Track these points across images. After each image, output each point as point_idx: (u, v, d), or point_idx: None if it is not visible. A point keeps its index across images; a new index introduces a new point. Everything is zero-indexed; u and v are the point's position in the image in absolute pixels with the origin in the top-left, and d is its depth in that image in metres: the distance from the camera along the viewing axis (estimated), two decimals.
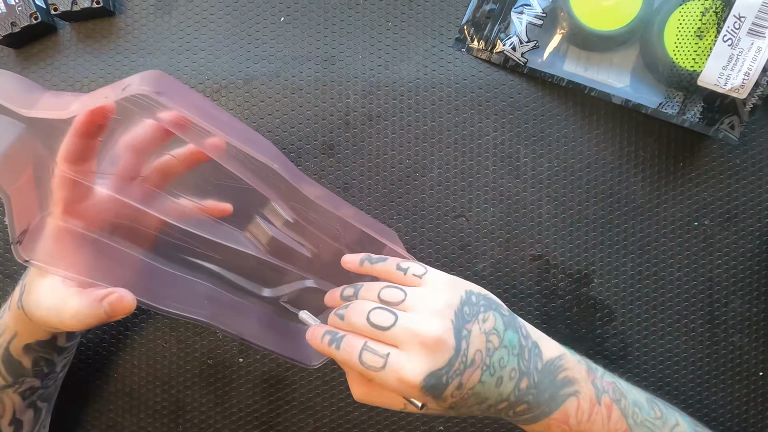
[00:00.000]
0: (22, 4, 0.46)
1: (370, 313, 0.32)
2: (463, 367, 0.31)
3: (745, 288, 0.47)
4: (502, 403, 0.33)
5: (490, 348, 0.32)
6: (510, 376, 0.33)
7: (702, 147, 0.47)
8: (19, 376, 0.39)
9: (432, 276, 0.34)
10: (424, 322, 0.31)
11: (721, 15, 0.42)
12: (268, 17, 0.48)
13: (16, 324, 0.37)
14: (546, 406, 0.34)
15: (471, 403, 0.32)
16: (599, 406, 0.35)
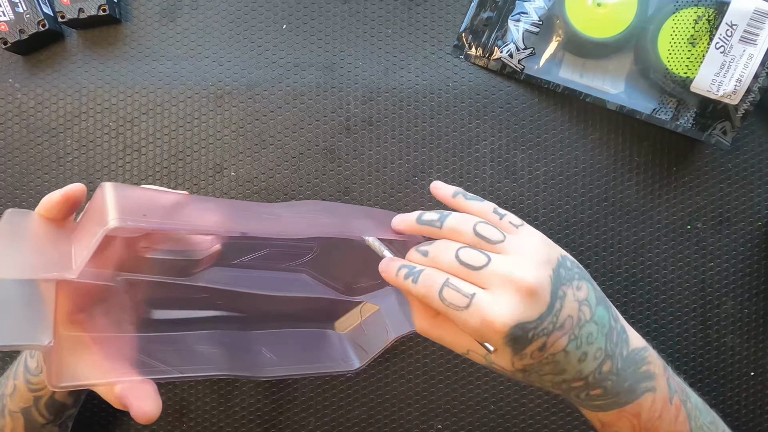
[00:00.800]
0: (30, 12, 0.46)
1: (460, 251, 0.29)
2: (552, 327, 0.28)
3: (736, 290, 0.47)
4: (578, 381, 0.30)
5: (582, 318, 0.29)
6: (595, 355, 0.29)
7: (695, 152, 0.47)
8: (60, 413, 0.41)
9: (529, 229, 0.31)
10: (524, 267, 0.28)
11: (714, 23, 0.42)
12: (271, 25, 0.48)
13: None
14: (624, 397, 0.31)
15: (546, 371, 0.29)
16: (670, 406, 0.32)
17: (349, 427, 0.47)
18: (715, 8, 0.42)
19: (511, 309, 0.27)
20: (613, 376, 0.30)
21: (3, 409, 0.39)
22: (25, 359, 0.39)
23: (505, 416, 0.47)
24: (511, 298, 0.27)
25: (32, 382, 0.38)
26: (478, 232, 0.30)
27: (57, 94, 0.48)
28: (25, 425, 0.39)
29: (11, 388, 0.39)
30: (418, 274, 0.30)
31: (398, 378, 0.47)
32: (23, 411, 0.39)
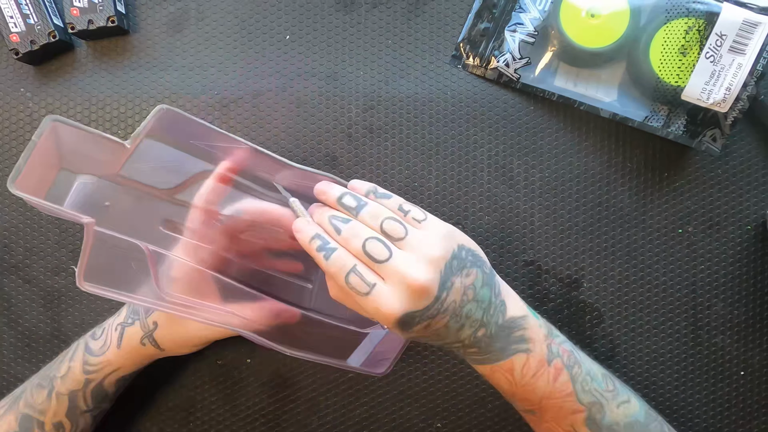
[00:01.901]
0: (40, 24, 0.46)
1: (368, 241, 0.32)
2: (436, 312, 0.32)
3: (726, 292, 0.46)
4: (456, 343, 0.35)
5: (465, 300, 0.33)
6: (471, 324, 0.34)
7: (685, 158, 0.47)
8: (101, 402, 0.42)
9: (431, 223, 0.34)
10: (416, 267, 0.32)
11: (704, 33, 0.42)
12: (275, 35, 0.48)
13: (125, 360, 0.40)
14: (495, 355, 0.35)
15: (430, 338, 0.34)
16: (548, 367, 0.35)
17: (351, 426, 0.47)
18: (705, 19, 0.42)
19: (401, 302, 0.31)
20: (487, 338, 0.34)
21: (51, 391, 0.40)
22: (86, 342, 0.41)
23: (502, 415, 0.47)
24: (402, 294, 0.31)
25: (90, 362, 0.40)
26: (384, 229, 0.33)
27: (67, 102, 0.48)
28: (67, 410, 0.40)
29: (65, 370, 0.40)
30: (330, 252, 0.33)
31: (398, 378, 0.47)
32: (70, 394, 0.40)
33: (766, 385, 0.46)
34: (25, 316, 0.48)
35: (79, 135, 0.33)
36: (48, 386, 0.40)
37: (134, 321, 0.40)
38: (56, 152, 0.32)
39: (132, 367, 0.41)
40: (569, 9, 0.44)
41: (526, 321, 0.36)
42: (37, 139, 0.31)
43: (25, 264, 0.48)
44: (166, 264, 0.36)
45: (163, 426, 0.47)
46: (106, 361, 0.40)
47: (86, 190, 0.33)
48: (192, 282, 0.37)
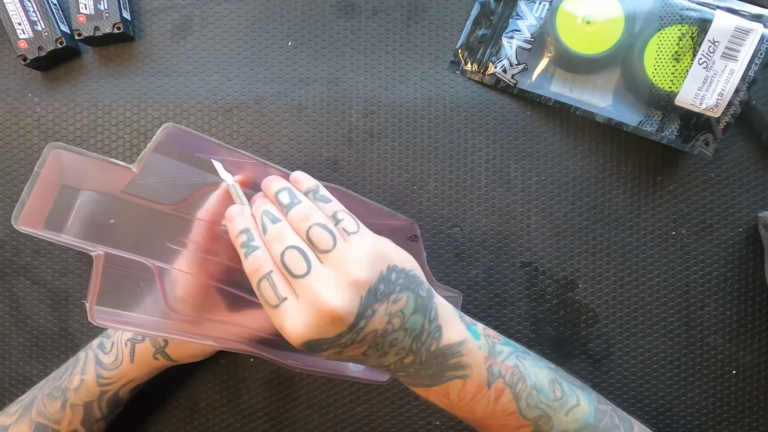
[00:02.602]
0: (48, 30, 0.46)
1: (288, 250, 0.29)
2: (350, 342, 0.29)
3: (719, 292, 0.46)
4: (381, 367, 0.32)
5: (389, 329, 0.30)
6: (397, 352, 0.31)
7: (679, 162, 0.47)
8: (114, 410, 0.42)
9: (363, 238, 0.30)
10: (332, 291, 0.28)
11: (697, 40, 0.42)
12: (277, 42, 0.48)
13: (138, 372, 0.40)
14: (428, 380, 0.32)
15: (346, 361, 0.31)
16: (488, 390, 0.33)
17: (352, 424, 0.47)
18: (699, 26, 0.42)
19: (308, 327, 0.28)
20: (416, 365, 0.32)
21: (65, 402, 0.40)
22: (95, 356, 0.40)
23: None
24: (311, 318, 0.28)
25: (104, 376, 0.40)
26: (310, 236, 0.30)
27: (74, 107, 0.48)
28: (83, 418, 0.40)
29: (77, 383, 0.40)
30: (251, 250, 0.30)
31: None
32: (85, 405, 0.40)
33: (757, 384, 0.46)
34: (33, 317, 0.48)
35: (83, 161, 0.32)
36: (61, 398, 0.40)
37: (144, 338, 0.40)
38: (59, 179, 0.31)
39: (146, 376, 0.42)
40: (565, 16, 0.44)
41: (464, 346, 0.33)
42: (40, 169, 0.30)
43: (33, 266, 0.48)
44: (171, 282, 0.35)
45: (167, 423, 0.47)
46: (120, 374, 0.40)
47: (90, 207, 0.32)
48: (198, 297, 0.35)
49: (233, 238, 0.31)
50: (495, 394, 0.33)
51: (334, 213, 0.31)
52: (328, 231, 0.30)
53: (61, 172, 0.31)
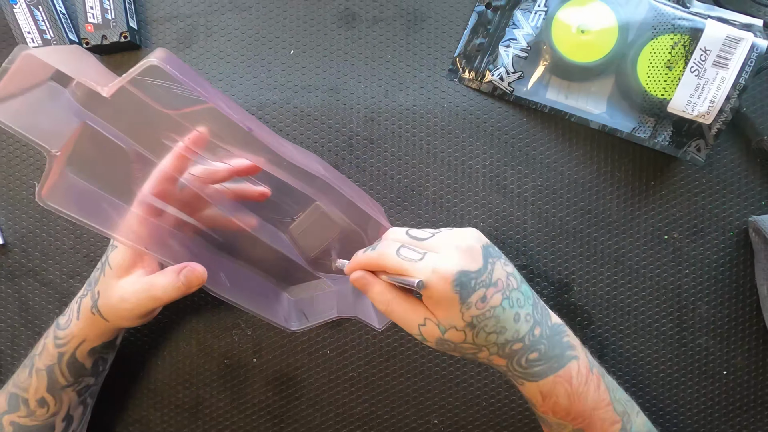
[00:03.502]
0: (57, 39, 0.46)
1: (409, 230, 0.33)
2: (488, 281, 0.31)
3: (710, 295, 0.46)
4: (517, 343, 0.32)
5: (511, 284, 0.32)
6: (526, 318, 0.32)
7: (671, 167, 0.46)
8: (79, 376, 0.40)
9: (453, 229, 0.34)
10: (459, 237, 0.32)
11: (689, 48, 0.42)
12: (279, 50, 0.48)
13: (86, 331, 0.38)
14: (556, 361, 0.32)
15: (490, 328, 0.31)
16: (592, 375, 0.34)
17: (352, 422, 0.47)
18: (690, 35, 0.42)
19: (455, 261, 0.30)
20: (545, 340, 0.32)
21: (31, 369, 0.39)
22: (56, 319, 0.40)
23: (496, 411, 0.46)
24: (453, 254, 0.31)
25: (59, 336, 0.39)
26: (409, 233, 0.34)
27: None
28: (47, 385, 0.39)
29: (41, 348, 0.39)
30: (375, 245, 0.33)
31: (397, 377, 0.47)
32: (47, 369, 0.39)
33: (747, 384, 0.46)
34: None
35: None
36: (29, 364, 0.39)
37: (87, 292, 0.38)
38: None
39: (96, 338, 0.39)
40: (560, 25, 0.44)
41: (567, 328, 0.34)
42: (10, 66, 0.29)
43: (41, 268, 0.47)
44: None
45: (172, 422, 0.47)
46: (71, 333, 0.38)
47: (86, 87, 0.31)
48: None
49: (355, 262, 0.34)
50: (596, 380, 0.34)
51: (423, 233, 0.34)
52: (423, 230, 0.34)
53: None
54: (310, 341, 0.47)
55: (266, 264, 0.42)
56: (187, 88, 0.30)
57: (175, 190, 0.37)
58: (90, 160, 0.33)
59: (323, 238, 0.40)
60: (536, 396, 0.34)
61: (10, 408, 0.39)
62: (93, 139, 0.32)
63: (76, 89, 0.32)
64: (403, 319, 0.33)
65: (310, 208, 0.40)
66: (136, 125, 0.34)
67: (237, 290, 0.38)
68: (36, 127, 0.30)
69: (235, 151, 0.35)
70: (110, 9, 0.46)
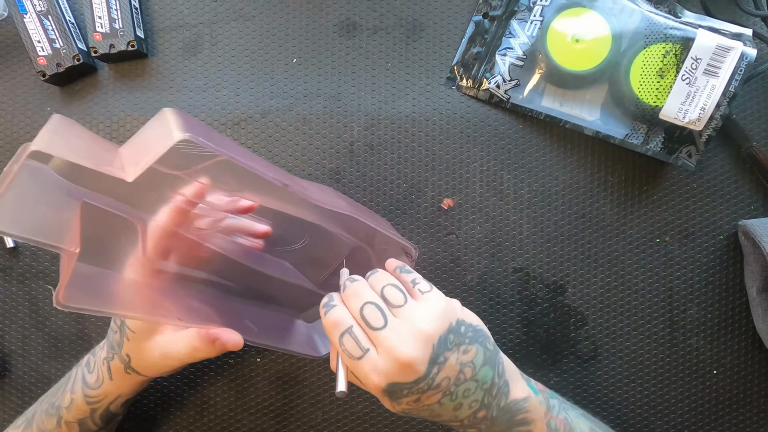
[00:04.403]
0: (66, 48, 0.45)
1: (366, 305, 0.31)
2: (426, 387, 0.30)
3: (701, 296, 0.46)
4: (455, 422, 0.32)
5: (461, 378, 0.30)
6: (470, 405, 0.31)
7: (663, 173, 0.46)
8: (109, 422, 0.41)
9: (433, 297, 0.32)
10: (406, 342, 0.29)
11: (680, 57, 0.42)
12: (282, 59, 0.48)
13: (121, 388, 0.38)
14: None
15: (424, 415, 0.32)
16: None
17: (353, 420, 0.47)
18: (682, 44, 0.41)
19: (388, 373, 0.29)
20: (487, 421, 0.32)
21: (59, 420, 0.39)
22: (83, 375, 0.39)
23: None
24: (390, 365, 0.29)
25: (90, 395, 0.38)
26: (384, 294, 0.31)
27: (90, 121, 0.47)
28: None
29: (68, 402, 0.39)
30: (330, 308, 0.31)
31: None
32: (79, 422, 0.39)
33: (737, 383, 0.46)
34: (52, 318, 0.47)
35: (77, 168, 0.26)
36: (56, 415, 0.39)
37: (113, 355, 0.37)
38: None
39: (131, 391, 0.39)
40: (555, 35, 0.44)
41: (528, 402, 0.33)
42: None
43: (51, 270, 0.47)
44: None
45: (179, 421, 0.47)
46: (105, 392, 0.38)
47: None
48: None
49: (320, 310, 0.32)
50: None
51: (413, 279, 0.33)
52: (400, 290, 0.32)
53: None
54: None
55: (279, 298, 0.40)
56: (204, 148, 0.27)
57: (179, 245, 0.34)
58: (95, 241, 0.29)
59: (330, 260, 0.39)
60: None
61: None
62: (94, 217, 0.28)
63: (57, 162, 0.26)
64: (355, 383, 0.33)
65: (312, 233, 0.38)
66: (139, 192, 0.30)
67: (263, 331, 0.38)
68: (40, 226, 0.26)
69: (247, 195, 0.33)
70: (118, 18, 0.45)
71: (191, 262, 0.35)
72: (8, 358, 0.47)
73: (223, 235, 0.36)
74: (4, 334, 0.47)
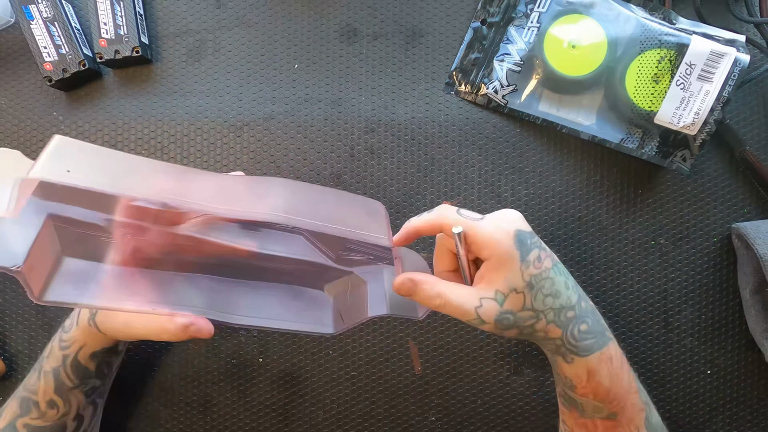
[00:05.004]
0: (72, 54, 0.45)
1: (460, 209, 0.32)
2: (539, 244, 0.31)
3: (695, 298, 0.46)
4: (570, 310, 0.31)
5: (553, 259, 0.32)
6: (573, 287, 0.32)
7: (658, 176, 0.46)
8: (84, 378, 0.40)
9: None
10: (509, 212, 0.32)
11: (675, 63, 0.42)
12: (284, 64, 0.47)
13: (83, 337, 0.38)
14: (600, 337, 0.32)
15: (546, 290, 0.31)
16: (623, 358, 0.33)
17: (353, 419, 0.47)
18: (676, 50, 0.41)
19: (512, 221, 0.31)
20: (591, 314, 0.32)
21: (39, 372, 0.39)
22: (63, 322, 0.39)
23: (490, 409, 0.46)
24: (509, 217, 0.31)
25: (63, 339, 0.38)
26: (459, 211, 0.32)
27: (96, 125, 0.47)
28: (55, 387, 0.38)
29: (48, 350, 0.39)
30: (428, 211, 0.32)
31: (396, 376, 0.46)
32: (54, 371, 0.38)
33: (730, 383, 0.46)
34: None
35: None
36: (38, 367, 0.39)
37: None
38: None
39: (96, 344, 0.38)
40: (552, 41, 0.44)
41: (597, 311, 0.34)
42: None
43: None
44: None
45: (183, 420, 0.47)
46: (73, 338, 0.38)
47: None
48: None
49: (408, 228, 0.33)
50: (627, 366, 0.33)
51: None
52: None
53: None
54: (313, 342, 0.47)
55: (290, 276, 0.38)
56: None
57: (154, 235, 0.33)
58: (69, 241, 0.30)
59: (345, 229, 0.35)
60: (582, 374, 0.32)
61: (23, 411, 0.39)
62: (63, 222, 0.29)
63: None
64: (459, 308, 0.30)
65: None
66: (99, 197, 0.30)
67: (264, 307, 0.36)
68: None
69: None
70: (123, 25, 0.45)
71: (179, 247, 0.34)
72: (14, 358, 0.47)
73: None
74: (11, 335, 0.47)
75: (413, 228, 0.33)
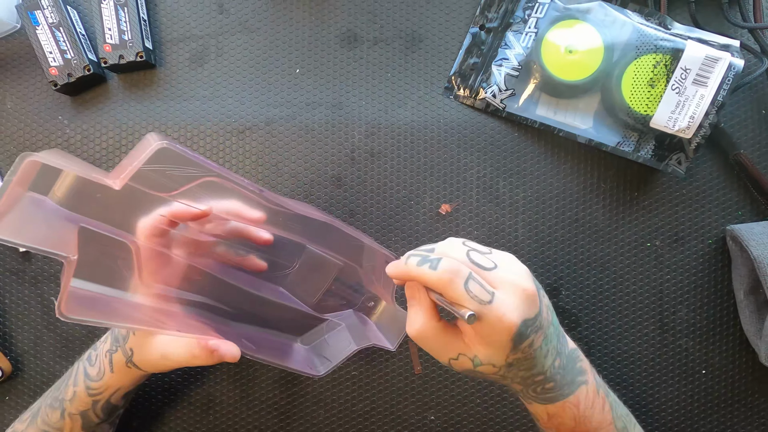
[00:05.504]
0: (77, 58, 0.45)
1: (470, 252, 0.28)
2: (539, 325, 0.28)
3: (690, 299, 0.46)
4: (540, 375, 0.30)
5: (548, 319, 0.29)
6: (551, 352, 0.30)
7: (653, 179, 0.46)
8: (111, 415, 0.41)
9: (498, 250, 0.30)
10: (521, 276, 0.28)
11: (670, 67, 0.42)
12: (286, 69, 0.47)
13: (122, 381, 0.38)
14: (567, 388, 0.31)
15: (524, 367, 0.29)
16: (598, 397, 0.32)
17: (354, 418, 0.47)
18: (672, 55, 0.41)
19: (520, 309, 0.27)
20: (561, 370, 0.31)
21: (63, 412, 0.39)
22: (84, 368, 0.39)
23: (489, 408, 0.46)
24: (519, 300, 0.27)
25: (92, 387, 0.38)
26: (469, 245, 0.29)
27: (100, 129, 0.47)
28: (82, 425, 0.39)
29: (71, 394, 0.39)
30: (436, 261, 0.27)
31: (396, 376, 0.46)
32: (81, 413, 0.39)
33: (725, 383, 0.46)
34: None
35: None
36: (60, 408, 0.39)
37: (117, 348, 0.37)
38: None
39: (131, 384, 0.39)
40: (550, 46, 0.44)
41: (580, 353, 0.33)
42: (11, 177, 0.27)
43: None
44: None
45: (185, 419, 0.47)
46: (106, 384, 0.38)
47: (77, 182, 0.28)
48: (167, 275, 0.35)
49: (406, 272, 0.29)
50: (601, 401, 0.32)
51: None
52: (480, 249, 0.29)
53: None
54: None
55: (275, 321, 0.41)
56: (186, 168, 0.28)
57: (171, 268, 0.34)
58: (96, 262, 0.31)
59: (322, 281, 0.39)
60: (542, 415, 0.33)
61: None
62: (91, 240, 0.30)
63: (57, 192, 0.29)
64: (435, 350, 0.29)
65: (303, 257, 0.38)
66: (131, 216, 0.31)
67: (260, 350, 0.38)
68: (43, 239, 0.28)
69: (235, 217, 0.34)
70: (127, 30, 0.45)
71: (187, 285, 0.36)
72: (21, 358, 0.47)
73: (220, 260, 0.37)
74: (17, 335, 0.47)
75: (416, 279, 0.29)
